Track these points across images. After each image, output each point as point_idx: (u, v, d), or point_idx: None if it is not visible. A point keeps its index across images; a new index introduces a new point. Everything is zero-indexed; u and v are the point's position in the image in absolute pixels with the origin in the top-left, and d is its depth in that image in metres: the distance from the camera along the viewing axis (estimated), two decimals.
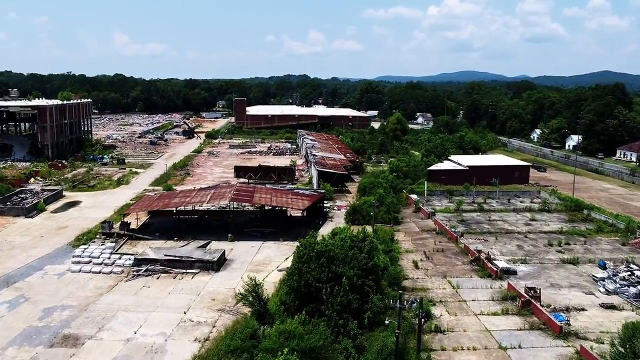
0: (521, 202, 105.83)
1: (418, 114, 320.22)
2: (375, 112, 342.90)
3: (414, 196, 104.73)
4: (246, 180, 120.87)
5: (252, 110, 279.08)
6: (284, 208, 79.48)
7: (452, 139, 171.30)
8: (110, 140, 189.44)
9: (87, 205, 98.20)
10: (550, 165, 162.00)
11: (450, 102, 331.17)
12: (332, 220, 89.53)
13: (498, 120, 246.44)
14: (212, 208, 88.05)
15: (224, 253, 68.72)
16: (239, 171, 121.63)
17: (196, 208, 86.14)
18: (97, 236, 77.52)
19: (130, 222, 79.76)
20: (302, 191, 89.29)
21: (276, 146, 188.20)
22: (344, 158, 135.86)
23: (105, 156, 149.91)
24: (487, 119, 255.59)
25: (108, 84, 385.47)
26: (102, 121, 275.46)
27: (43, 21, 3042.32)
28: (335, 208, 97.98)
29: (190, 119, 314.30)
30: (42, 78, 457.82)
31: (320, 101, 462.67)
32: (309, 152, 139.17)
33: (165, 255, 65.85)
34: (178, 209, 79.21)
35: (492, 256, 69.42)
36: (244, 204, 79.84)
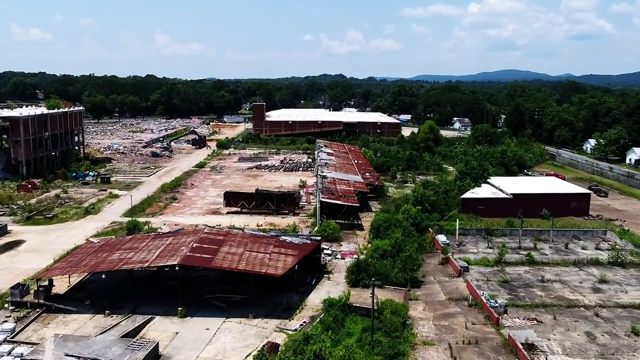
0: (583, 248, 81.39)
1: (455, 118, 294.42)
2: (408, 117, 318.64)
3: (441, 238, 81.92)
4: (239, 209, 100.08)
5: (274, 115, 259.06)
6: (257, 271, 57.57)
7: (492, 153, 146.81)
8: (109, 152, 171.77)
9: (30, 247, 78.88)
10: (610, 186, 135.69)
11: (490, 105, 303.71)
12: (329, 278, 67.61)
13: (545, 127, 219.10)
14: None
15: (156, 348, 47.69)
16: (230, 199, 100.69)
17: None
18: (6, 305, 57.70)
19: (50, 287, 59.62)
20: (289, 239, 67.55)
21: (290, 159, 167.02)
22: (361, 180, 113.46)
23: (90, 173, 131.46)
24: (532, 127, 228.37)
25: (131, 85, 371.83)
26: (115, 127, 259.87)
27: (88, 22, 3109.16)
28: (339, 256, 75.97)
29: (211, 123, 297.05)
30: (71, 80, 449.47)
31: (352, 103, 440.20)
32: (319, 171, 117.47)
33: (67, 355, 45.27)
34: (116, 269, 58.27)
35: None
36: (201, 266, 58.13)
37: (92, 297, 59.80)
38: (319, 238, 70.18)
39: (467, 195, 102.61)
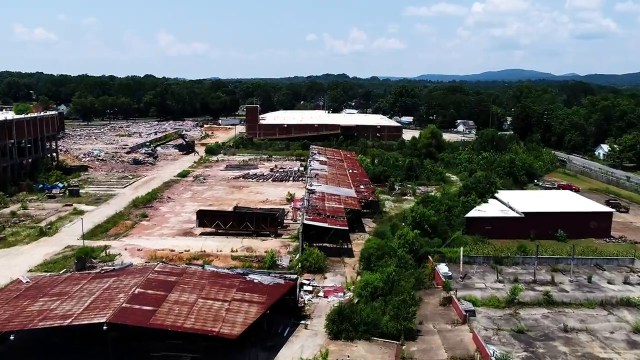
0: (609, 282, 69.33)
1: (459, 121, 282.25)
2: (410, 119, 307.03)
3: (443, 269, 70.14)
4: (214, 230, 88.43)
5: (269, 117, 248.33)
6: (206, 331, 45.59)
7: (500, 161, 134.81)
8: (88, 159, 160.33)
9: None
10: (629, 199, 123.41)
11: (495, 107, 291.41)
12: (307, 326, 55.81)
13: (554, 131, 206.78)
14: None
15: None
16: (203, 218, 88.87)
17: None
18: None
19: None
20: (258, 279, 55.81)
21: (281, 167, 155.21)
22: (354, 196, 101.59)
23: (59, 185, 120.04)
24: (540, 130, 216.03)
25: (125, 86, 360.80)
26: (103, 130, 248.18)
27: (91, 22, 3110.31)
28: (321, 293, 64.26)
29: (205, 125, 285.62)
30: (64, 80, 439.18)
31: (352, 104, 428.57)
32: (308, 184, 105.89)
33: None
34: (28, 327, 46.32)
35: None
36: (137, 324, 45.93)
37: (10, 355, 48.26)
38: (295, 276, 58.29)
39: (472, 214, 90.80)
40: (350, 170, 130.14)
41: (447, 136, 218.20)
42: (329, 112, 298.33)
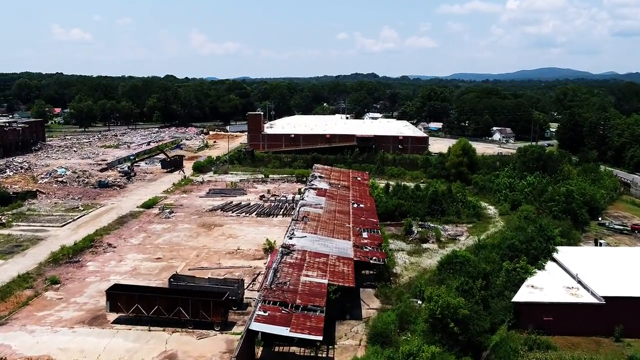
0: None
1: (494, 128, 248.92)
2: (439, 125, 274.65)
3: None
4: (134, 315, 59.48)
5: (278, 125, 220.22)
6: None
7: (552, 194, 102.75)
8: (46, 181, 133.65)
9: None
10: None
11: (537, 113, 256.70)
12: None
13: (611, 145, 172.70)
14: None
15: None
16: (117, 300, 59.83)
17: None
18: None
19: None
20: None
21: (274, 194, 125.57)
22: (349, 255, 71.12)
23: None
24: (593, 143, 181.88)
25: (131, 88, 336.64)
26: (92, 139, 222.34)
27: (126, 22, 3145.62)
28: None
29: (210, 132, 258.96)
30: (70, 82, 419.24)
31: (377, 107, 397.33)
32: (289, 233, 76.38)
33: None
34: None
35: None
36: None
37: None
38: None
39: (523, 296, 59.88)
40: (356, 205, 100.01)
41: (481, 147, 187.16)
42: (347, 118, 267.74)
